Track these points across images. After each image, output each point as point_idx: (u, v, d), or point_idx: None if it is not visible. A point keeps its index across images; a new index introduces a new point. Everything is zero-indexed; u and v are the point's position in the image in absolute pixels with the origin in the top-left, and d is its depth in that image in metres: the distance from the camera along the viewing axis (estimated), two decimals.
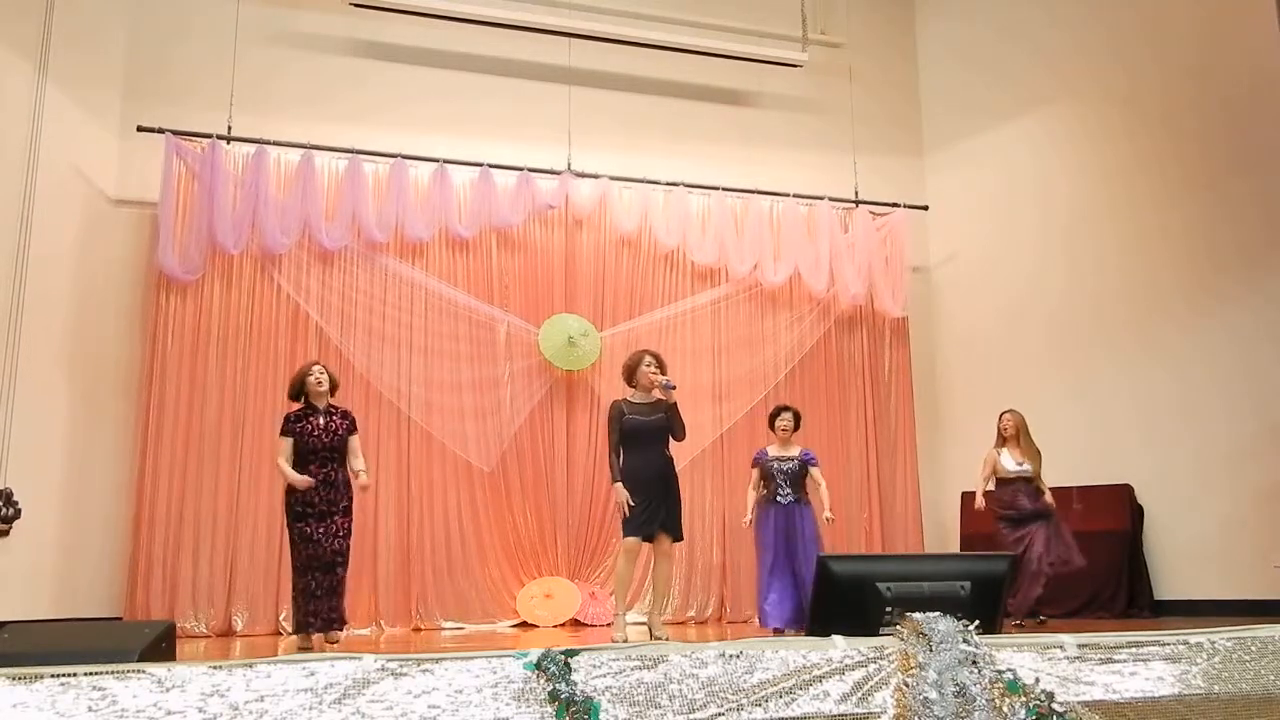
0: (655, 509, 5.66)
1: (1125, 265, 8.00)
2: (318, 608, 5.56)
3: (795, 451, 6.67)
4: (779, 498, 6.53)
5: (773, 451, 6.69)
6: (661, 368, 5.88)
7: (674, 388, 5.75)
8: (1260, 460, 6.93)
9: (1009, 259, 8.91)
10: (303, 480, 5.51)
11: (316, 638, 5.62)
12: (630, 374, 5.90)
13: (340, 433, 5.69)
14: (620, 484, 5.64)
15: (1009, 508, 6.97)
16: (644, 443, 5.74)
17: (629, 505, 5.58)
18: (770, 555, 6.42)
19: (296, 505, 5.59)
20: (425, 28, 8.38)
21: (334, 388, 5.86)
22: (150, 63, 7.83)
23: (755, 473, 6.70)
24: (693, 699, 2.57)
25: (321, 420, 5.67)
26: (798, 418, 6.81)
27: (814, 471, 6.64)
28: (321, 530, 5.55)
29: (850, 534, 8.53)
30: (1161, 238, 7.77)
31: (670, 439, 5.81)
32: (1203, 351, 7.39)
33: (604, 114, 8.75)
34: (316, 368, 5.81)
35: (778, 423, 6.76)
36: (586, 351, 8.18)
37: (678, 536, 5.82)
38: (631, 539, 5.64)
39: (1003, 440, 7.16)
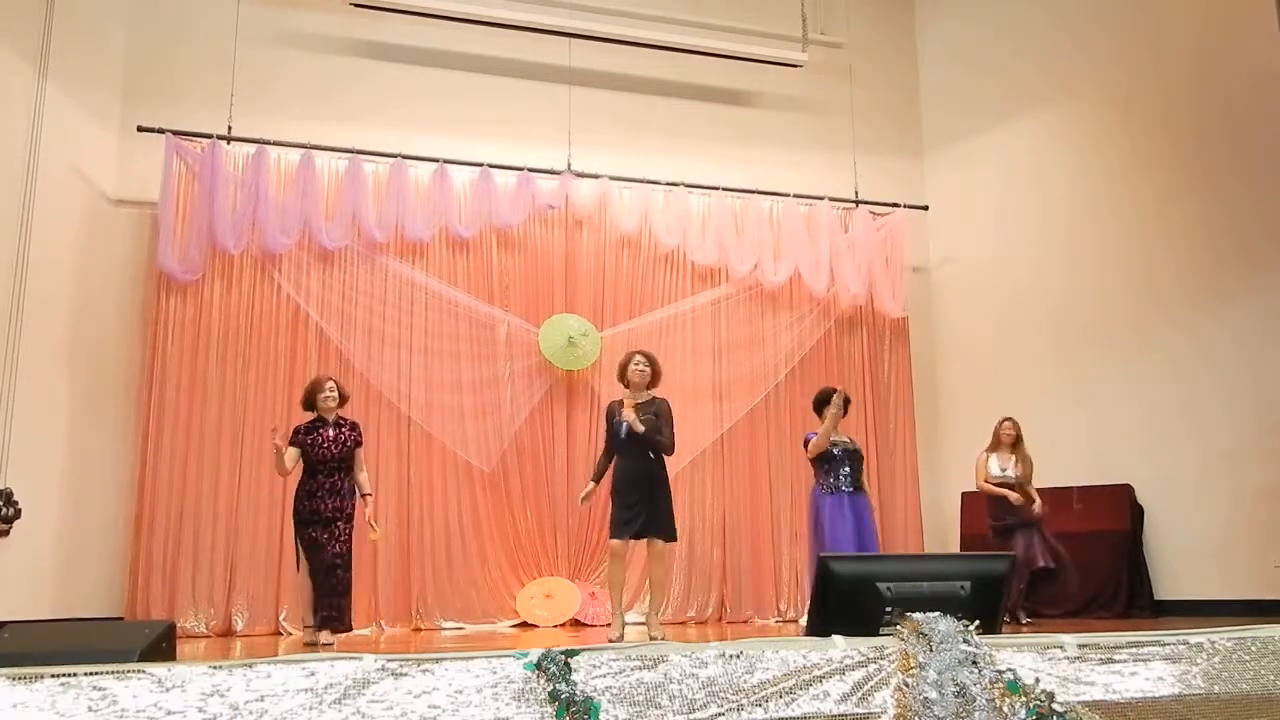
0: (638, 510, 5.70)
1: (1125, 265, 8.00)
2: (319, 605, 5.78)
3: (845, 437, 6.39)
4: (843, 487, 6.18)
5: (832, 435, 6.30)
6: (653, 366, 5.99)
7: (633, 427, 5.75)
8: (1260, 460, 6.93)
9: (1009, 259, 8.91)
10: (284, 462, 5.82)
11: (322, 634, 5.81)
12: (622, 374, 6.04)
13: (348, 444, 5.95)
14: (593, 484, 5.97)
15: (997, 519, 7.05)
16: (629, 443, 5.80)
17: (611, 507, 5.85)
18: (845, 549, 5.95)
19: (305, 513, 5.83)
20: (425, 28, 8.38)
21: (344, 400, 6.09)
22: (150, 63, 7.83)
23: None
24: (693, 699, 2.56)
25: (331, 432, 5.92)
26: (848, 402, 6.47)
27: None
28: (326, 536, 5.79)
29: None
30: (1162, 237, 7.77)
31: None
32: (1203, 351, 7.39)
33: (604, 114, 8.75)
34: (329, 385, 6.03)
35: (828, 409, 6.36)
36: (586, 351, 8.18)
37: (669, 537, 5.82)
38: (614, 540, 5.77)
39: (997, 444, 7.19)
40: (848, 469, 6.24)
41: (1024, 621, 6.75)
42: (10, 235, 6.48)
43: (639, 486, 5.74)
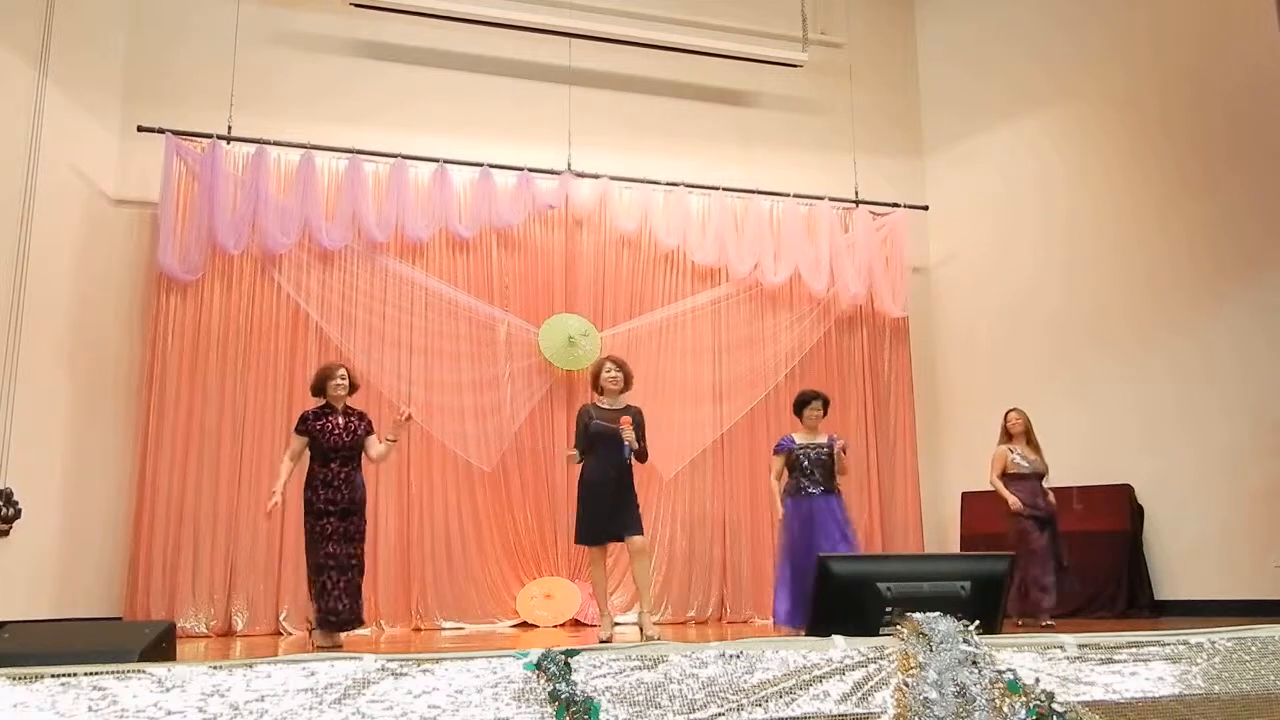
0: (609, 516, 5.73)
1: (1125, 265, 8.00)
2: (335, 606, 5.60)
3: (823, 439, 6.36)
4: (807, 489, 6.19)
5: (799, 439, 6.34)
6: (624, 371, 5.99)
7: (634, 449, 5.77)
8: (1260, 460, 6.93)
9: (1009, 259, 8.91)
10: (273, 502, 5.72)
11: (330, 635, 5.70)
12: (595, 381, 6.04)
13: (359, 433, 5.84)
14: (574, 452, 5.88)
15: (1030, 506, 6.81)
16: (605, 448, 5.80)
17: (580, 511, 5.82)
18: (791, 553, 6.06)
19: (319, 503, 5.66)
20: (425, 28, 8.39)
21: (354, 388, 6.00)
22: (150, 63, 7.83)
23: (779, 461, 6.35)
24: (693, 699, 2.56)
25: (341, 420, 5.81)
26: (827, 404, 6.50)
27: (842, 459, 6.31)
28: (343, 529, 5.65)
29: None
30: (1161, 237, 7.78)
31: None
32: (1203, 351, 7.39)
33: (604, 114, 8.75)
34: (340, 372, 5.93)
35: (807, 411, 6.39)
36: (586, 351, 8.18)
37: (639, 532, 5.83)
38: (593, 547, 5.84)
39: (1009, 437, 7.10)
40: (815, 473, 6.22)
41: (1045, 623, 6.53)
42: (10, 235, 6.48)
43: (609, 489, 5.75)
